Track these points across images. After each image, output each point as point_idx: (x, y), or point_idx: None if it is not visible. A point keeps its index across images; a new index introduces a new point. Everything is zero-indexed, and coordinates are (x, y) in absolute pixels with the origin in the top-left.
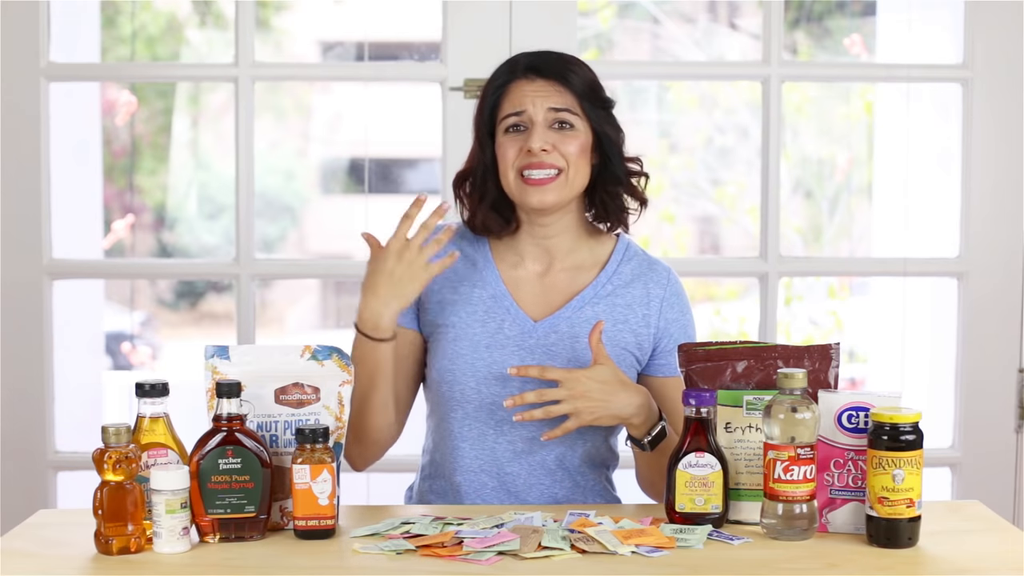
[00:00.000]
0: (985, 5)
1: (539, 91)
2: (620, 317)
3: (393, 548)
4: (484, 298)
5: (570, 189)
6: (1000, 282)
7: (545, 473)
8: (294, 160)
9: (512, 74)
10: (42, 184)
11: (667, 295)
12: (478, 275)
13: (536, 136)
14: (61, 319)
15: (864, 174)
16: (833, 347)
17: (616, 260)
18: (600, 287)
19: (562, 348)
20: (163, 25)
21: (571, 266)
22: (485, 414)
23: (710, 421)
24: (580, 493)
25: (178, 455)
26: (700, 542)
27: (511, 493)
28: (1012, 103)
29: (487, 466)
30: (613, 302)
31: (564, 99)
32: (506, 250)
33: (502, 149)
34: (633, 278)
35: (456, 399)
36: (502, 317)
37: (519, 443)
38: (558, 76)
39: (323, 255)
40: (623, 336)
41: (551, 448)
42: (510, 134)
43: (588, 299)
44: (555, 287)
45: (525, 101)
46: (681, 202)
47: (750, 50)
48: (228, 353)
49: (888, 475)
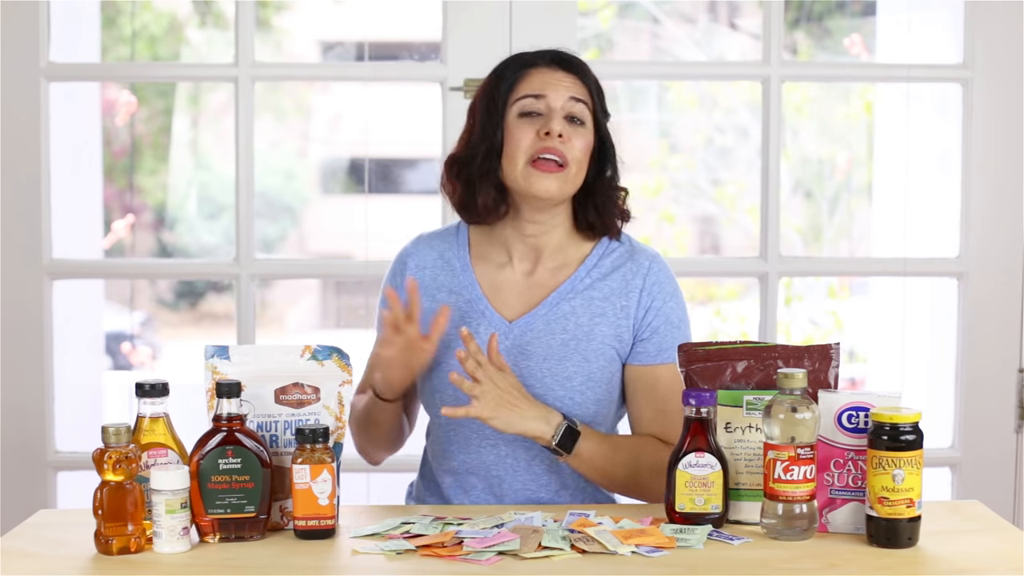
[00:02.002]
0: (985, 5)
1: (561, 80)
2: (597, 311)
3: (393, 548)
4: (460, 304)
5: (572, 184)
6: (1000, 282)
7: (532, 477)
8: (294, 160)
9: (533, 62)
10: (42, 184)
11: (647, 284)
12: (455, 280)
13: (556, 121)
14: (61, 319)
15: (864, 174)
16: (833, 347)
17: (597, 254)
18: (578, 281)
19: (537, 346)
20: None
21: (556, 264)
22: (468, 418)
23: (710, 421)
24: (568, 495)
25: (178, 455)
26: (700, 542)
27: (497, 497)
28: (1012, 103)
29: (474, 469)
30: (590, 296)
31: (582, 92)
32: (492, 248)
33: (515, 133)
34: (612, 269)
35: (437, 404)
36: (477, 321)
37: (502, 446)
38: (579, 71)
39: (323, 255)
40: (600, 329)
41: (538, 451)
42: (524, 119)
43: (565, 295)
44: (539, 284)
45: (547, 87)
46: (681, 202)
47: (750, 50)
48: (228, 353)
49: (888, 475)
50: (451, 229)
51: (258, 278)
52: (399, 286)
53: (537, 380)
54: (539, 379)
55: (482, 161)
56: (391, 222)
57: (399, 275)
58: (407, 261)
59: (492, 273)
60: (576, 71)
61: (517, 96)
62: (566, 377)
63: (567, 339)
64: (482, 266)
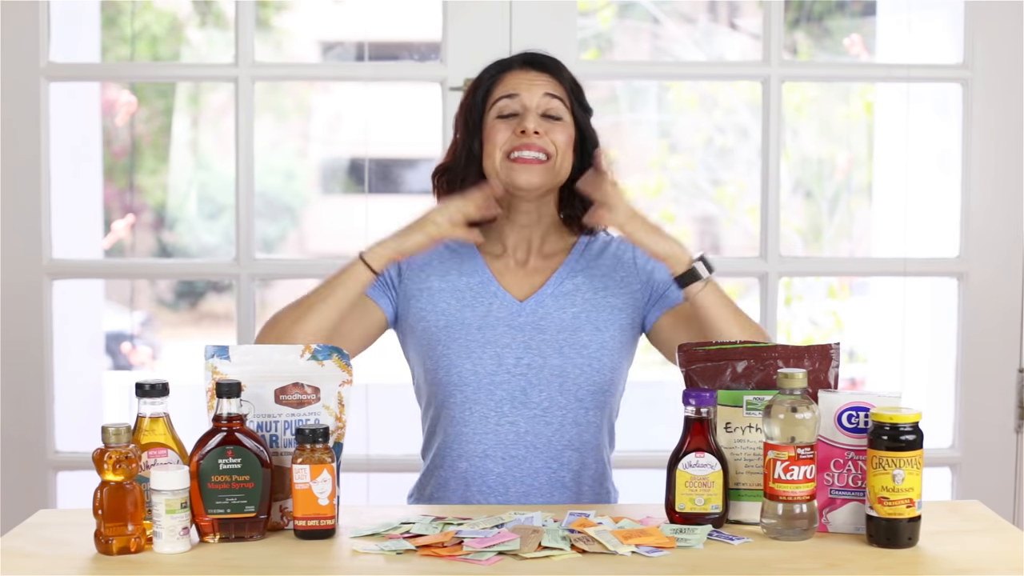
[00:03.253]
0: (985, 5)
1: (535, 79)
2: (600, 285)
3: (393, 548)
4: (472, 285)
5: (555, 175)
6: (1000, 282)
7: (552, 455)
8: (294, 160)
9: (507, 66)
10: (42, 184)
11: (636, 253)
12: (464, 265)
13: (531, 119)
14: (61, 319)
15: (864, 174)
16: (833, 347)
17: (582, 243)
18: (573, 263)
19: (551, 322)
20: (165, 25)
21: (547, 253)
22: (484, 395)
23: (710, 421)
24: (588, 476)
25: (178, 455)
26: (700, 542)
27: (517, 479)
28: (1012, 103)
29: (491, 450)
30: (591, 273)
31: (557, 89)
32: (487, 240)
33: (491, 134)
34: (600, 250)
35: (454, 383)
36: (489, 301)
37: (522, 423)
38: (552, 70)
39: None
40: (608, 300)
41: (555, 428)
42: (501, 120)
43: (567, 274)
44: (536, 271)
45: (520, 86)
46: (681, 202)
47: (750, 50)
48: (228, 353)
49: (888, 475)
50: None
51: (258, 278)
52: (401, 270)
53: (555, 351)
54: (557, 350)
55: (464, 167)
56: (391, 222)
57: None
58: None
59: (493, 262)
60: (549, 70)
61: (493, 99)
62: (582, 345)
63: (577, 312)
64: (484, 255)
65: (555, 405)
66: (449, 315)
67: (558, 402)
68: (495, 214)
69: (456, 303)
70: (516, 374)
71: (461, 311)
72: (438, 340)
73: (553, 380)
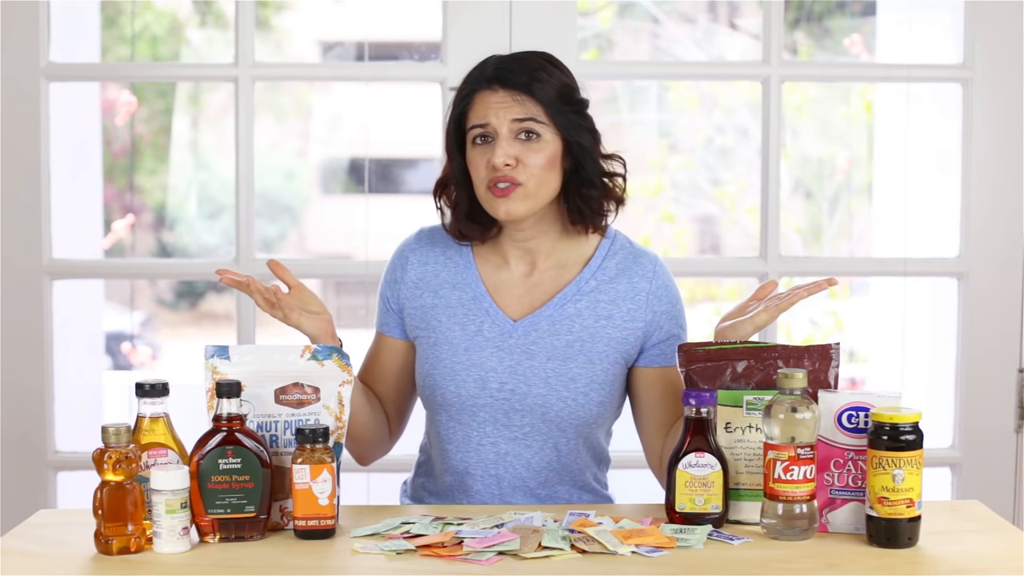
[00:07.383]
0: (985, 5)
1: (502, 103)
2: (604, 313)
3: (393, 548)
4: (464, 300)
5: (536, 200)
6: (1000, 282)
7: (531, 475)
8: (294, 160)
9: (477, 84)
10: (42, 184)
11: (653, 288)
12: (458, 277)
13: (499, 151)
14: (61, 319)
15: (864, 174)
16: (833, 347)
17: (600, 256)
18: (583, 283)
19: (541, 347)
20: (165, 25)
21: (555, 264)
22: (467, 416)
23: (710, 421)
24: (567, 493)
25: (178, 455)
26: (700, 542)
27: (497, 496)
28: (1012, 103)
29: (472, 468)
30: (596, 298)
31: (528, 109)
32: (489, 253)
33: (473, 162)
34: (618, 273)
35: (439, 403)
36: (481, 319)
37: (503, 444)
38: (521, 87)
39: (323, 255)
40: (607, 332)
41: (537, 449)
42: (479, 146)
43: (570, 296)
44: (539, 286)
45: (488, 113)
46: (681, 202)
47: (750, 50)
48: (228, 353)
49: (888, 475)
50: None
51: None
52: (399, 280)
53: (541, 380)
54: (543, 379)
55: (459, 184)
56: (391, 222)
57: (399, 269)
58: (409, 256)
59: (492, 274)
60: (518, 86)
61: (468, 126)
62: (570, 378)
63: (572, 340)
64: (482, 266)
65: (536, 431)
66: (439, 333)
67: (539, 428)
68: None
69: (447, 320)
70: (499, 398)
71: (451, 329)
72: (426, 358)
73: (536, 408)
